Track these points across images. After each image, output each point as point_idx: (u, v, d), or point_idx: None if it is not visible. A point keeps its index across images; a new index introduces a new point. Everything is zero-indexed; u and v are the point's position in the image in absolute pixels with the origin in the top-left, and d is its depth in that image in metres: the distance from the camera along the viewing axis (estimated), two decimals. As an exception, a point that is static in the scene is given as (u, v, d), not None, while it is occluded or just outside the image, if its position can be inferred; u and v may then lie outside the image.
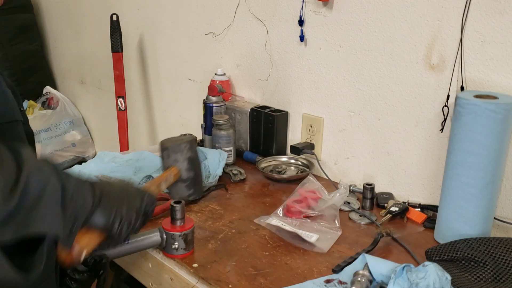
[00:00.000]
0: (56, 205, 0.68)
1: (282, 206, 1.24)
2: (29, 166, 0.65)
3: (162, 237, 1.05)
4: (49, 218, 0.67)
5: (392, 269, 0.90)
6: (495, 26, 1.10)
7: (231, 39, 1.75)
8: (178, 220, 1.05)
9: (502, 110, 1.01)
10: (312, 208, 1.21)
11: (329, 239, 1.13)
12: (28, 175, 0.64)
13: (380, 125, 1.38)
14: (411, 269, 0.87)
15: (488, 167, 1.04)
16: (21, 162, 0.65)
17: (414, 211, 1.25)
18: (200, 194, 1.22)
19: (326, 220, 1.19)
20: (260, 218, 1.20)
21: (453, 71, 1.19)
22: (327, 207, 1.21)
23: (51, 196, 0.67)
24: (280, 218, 1.19)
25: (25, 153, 0.67)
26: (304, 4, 1.47)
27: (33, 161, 0.67)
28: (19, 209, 0.63)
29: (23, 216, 0.63)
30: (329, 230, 1.16)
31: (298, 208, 1.20)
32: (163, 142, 1.13)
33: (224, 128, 1.56)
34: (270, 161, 1.58)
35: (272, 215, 1.22)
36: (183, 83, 2.02)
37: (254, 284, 0.98)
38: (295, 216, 1.19)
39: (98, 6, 2.40)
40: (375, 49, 1.34)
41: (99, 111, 2.70)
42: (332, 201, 1.22)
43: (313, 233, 1.13)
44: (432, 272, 0.85)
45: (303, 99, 1.56)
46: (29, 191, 0.64)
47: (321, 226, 1.17)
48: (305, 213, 1.19)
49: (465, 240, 1.03)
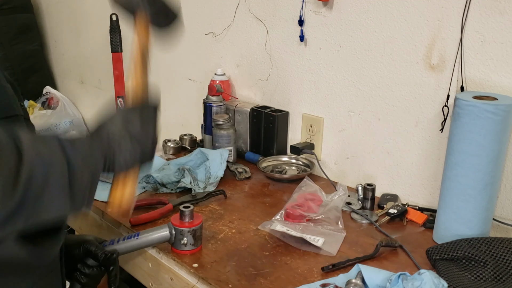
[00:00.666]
0: (63, 188, 0.66)
1: (283, 211, 1.23)
2: (30, 154, 0.63)
3: (171, 233, 1.07)
4: (57, 204, 0.65)
5: (387, 278, 0.90)
6: (495, 26, 1.10)
7: (231, 39, 1.75)
8: (186, 216, 1.07)
9: (500, 112, 1.00)
10: (313, 211, 1.20)
11: (335, 242, 1.12)
12: (30, 164, 0.62)
13: (380, 125, 1.38)
14: (407, 277, 0.87)
15: (487, 169, 1.03)
16: (21, 148, 0.62)
17: (414, 212, 1.24)
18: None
19: (330, 223, 1.18)
20: (265, 224, 1.17)
21: (453, 71, 1.19)
22: (329, 209, 1.21)
23: (57, 181, 0.65)
24: (283, 223, 1.18)
25: (24, 138, 0.64)
26: (304, 4, 1.47)
27: (34, 145, 0.64)
28: (24, 202, 0.61)
29: (31, 207, 0.62)
30: (333, 232, 1.15)
31: (300, 212, 1.19)
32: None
33: (224, 128, 1.56)
34: (271, 161, 1.58)
35: (274, 220, 1.20)
36: (183, 83, 2.02)
37: (254, 284, 0.98)
38: (298, 220, 1.18)
39: (98, 6, 2.40)
40: (375, 49, 1.34)
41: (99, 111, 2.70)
42: (333, 203, 1.22)
43: (318, 236, 1.12)
44: (428, 280, 0.85)
45: (303, 99, 1.56)
46: (32, 182, 0.62)
47: (325, 228, 1.16)
48: (308, 217, 1.18)
49: (467, 240, 1.03)
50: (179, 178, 1.39)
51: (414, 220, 1.23)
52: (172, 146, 1.70)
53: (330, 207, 1.21)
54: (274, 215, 1.24)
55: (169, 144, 1.70)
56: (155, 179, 1.37)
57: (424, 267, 1.03)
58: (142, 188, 1.38)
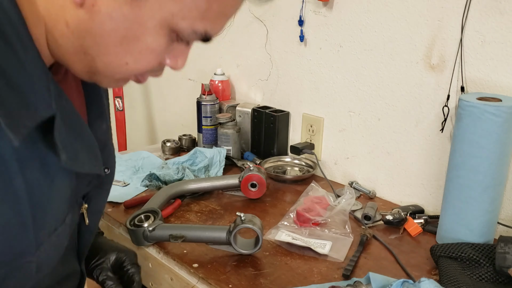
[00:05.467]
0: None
1: (291, 214, 1.22)
2: None
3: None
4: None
5: (389, 283, 0.90)
6: (495, 26, 1.10)
7: (231, 39, 1.75)
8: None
9: (502, 113, 0.99)
10: (321, 215, 1.19)
11: (343, 246, 1.10)
12: None
13: (380, 125, 1.38)
14: (409, 285, 0.87)
15: (488, 171, 1.03)
16: None
17: (412, 223, 1.19)
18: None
19: (337, 227, 1.17)
20: (268, 235, 1.14)
21: (453, 71, 1.19)
22: (336, 213, 1.20)
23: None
24: (289, 229, 1.16)
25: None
26: (304, 4, 1.47)
27: None
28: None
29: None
30: (340, 236, 1.14)
31: (308, 216, 1.18)
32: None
33: (226, 127, 1.57)
34: (273, 162, 1.58)
35: (280, 225, 1.18)
36: (183, 83, 2.02)
37: (254, 284, 0.98)
38: (305, 224, 1.18)
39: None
40: (375, 49, 1.34)
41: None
42: (340, 207, 1.21)
43: (325, 240, 1.11)
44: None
45: (303, 99, 1.56)
46: None
47: (332, 233, 1.15)
48: (314, 221, 1.17)
49: (472, 244, 1.03)
50: (181, 176, 1.39)
51: (409, 231, 1.18)
52: (171, 147, 1.69)
53: (337, 210, 1.20)
54: (274, 215, 1.24)
55: (168, 145, 1.70)
56: (158, 177, 1.37)
57: (418, 273, 1.03)
58: (145, 186, 1.38)
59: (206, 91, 1.66)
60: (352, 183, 1.43)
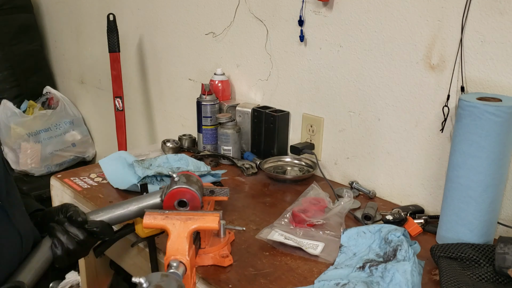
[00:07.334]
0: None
1: (287, 214, 1.22)
2: None
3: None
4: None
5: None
6: (495, 26, 1.10)
7: (231, 39, 1.75)
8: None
9: (502, 113, 0.99)
10: (316, 216, 1.19)
11: (335, 249, 1.10)
12: None
13: (380, 125, 1.38)
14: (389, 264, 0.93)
15: (488, 170, 1.03)
16: None
17: (412, 223, 1.20)
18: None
19: (331, 228, 1.17)
20: (260, 234, 1.15)
21: (453, 71, 1.19)
22: (332, 215, 1.20)
23: None
24: (283, 229, 1.16)
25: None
26: (304, 4, 1.47)
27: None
28: None
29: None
30: (334, 238, 1.14)
31: (303, 217, 1.18)
32: None
33: (226, 127, 1.57)
34: (273, 162, 1.58)
35: (276, 224, 1.19)
36: (183, 83, 2.02)
37: (254, 284, 0.98)
38: (300, 225, 1.17)
39: (98, 6, 2.40)
40: (375, 49, 1.34)
41: (99, 111, 2.70)
42: (337, 209, 1.21)
43: (318, 242, 1.11)
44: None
45: (303, 99, 1.56)
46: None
47: (326, 234, 1.15)
48: (309, 222, 1.17)
49: (472, 245, 1.03)
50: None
51: (409, 231, 1.16)
52: (171, 147, 1.70)
53: (334, 212, 1.20)
54: (274, 215, 1.24)
55: (168, 145, 1.70)
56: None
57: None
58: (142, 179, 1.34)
59: (206, 91, 1.66)
60: (352, 183, 1.43)
